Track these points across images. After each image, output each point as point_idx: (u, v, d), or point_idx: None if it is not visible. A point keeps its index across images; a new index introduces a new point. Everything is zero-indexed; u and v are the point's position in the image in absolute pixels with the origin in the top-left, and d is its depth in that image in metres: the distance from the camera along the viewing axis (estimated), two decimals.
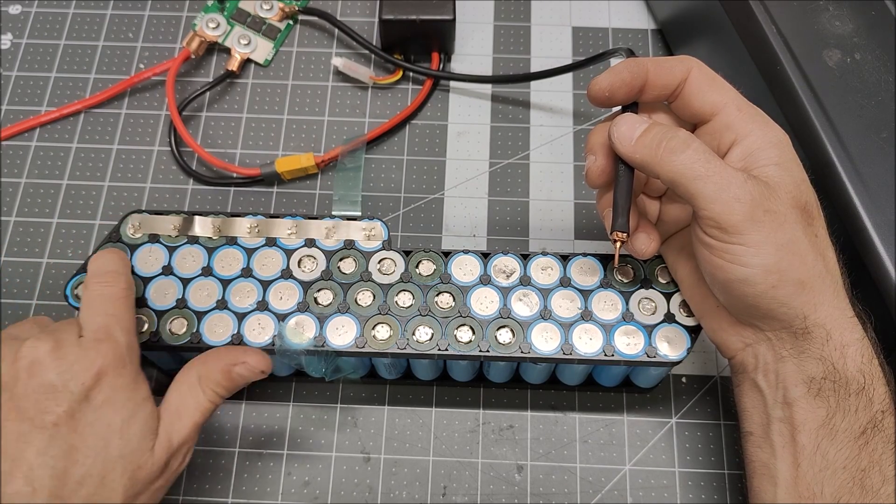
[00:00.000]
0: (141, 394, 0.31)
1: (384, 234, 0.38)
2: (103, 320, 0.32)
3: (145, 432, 0.31)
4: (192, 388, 0.33)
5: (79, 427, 0.29)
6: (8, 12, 0.52)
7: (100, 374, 0.30)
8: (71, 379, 0.30)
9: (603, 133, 0.34)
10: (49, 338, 0.31)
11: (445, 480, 0.40)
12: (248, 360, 0.34)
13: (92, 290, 0.33)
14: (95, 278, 0.34)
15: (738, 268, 0.30)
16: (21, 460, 0.28)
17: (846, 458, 0.30)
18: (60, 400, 0.29)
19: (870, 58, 0.39)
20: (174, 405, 0.33)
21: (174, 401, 0.33)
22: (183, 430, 0.32)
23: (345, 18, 0.52)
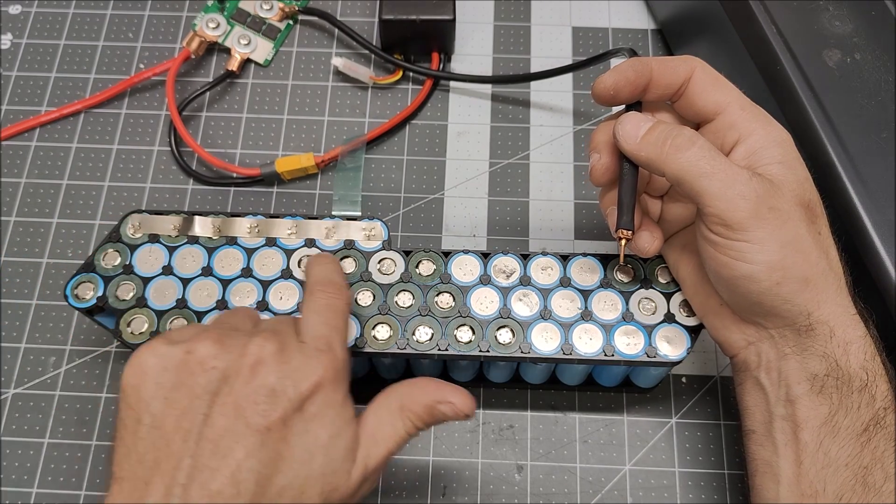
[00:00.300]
0: (348, 413, 0.30)
1: (384, 234, 0.38)
2: (326, 331, 0.31)
3: (346, 453, 0.30)
4: (391, 414, 0.31)
5: (289, 436, 0.28)
6: (8, 12, 0.52)
7: (317, 385, 0.29)
8: (291, 385, 0.29)
9: (607, 131, 0.34)
10: (276, 339, 0.30)
11: (445, 480, 0.40)
12: (454, 400, 0.32)
13: (318, 298, 0.32)
14: (321, 286, 0.33)
15: (742, 264, 0.31)
16: (230, 458, 0.27)
17: (848, 456, 0.30)
18: (277, 405, 0.28)
19: (870, 58, 0.39)
20: (371, 428, 0.31)
21: (372, 424, 0.31)
22: (377, 457, 0.31)
23: (345, 18, 0.52)
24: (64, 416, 0.41)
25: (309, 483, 0.28)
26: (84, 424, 0.41)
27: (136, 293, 0.37)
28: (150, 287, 0.37)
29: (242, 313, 0.33)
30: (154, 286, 0.37)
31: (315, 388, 0.29)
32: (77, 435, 0.41)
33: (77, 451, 0.41)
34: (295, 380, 0.29)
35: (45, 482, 0.40)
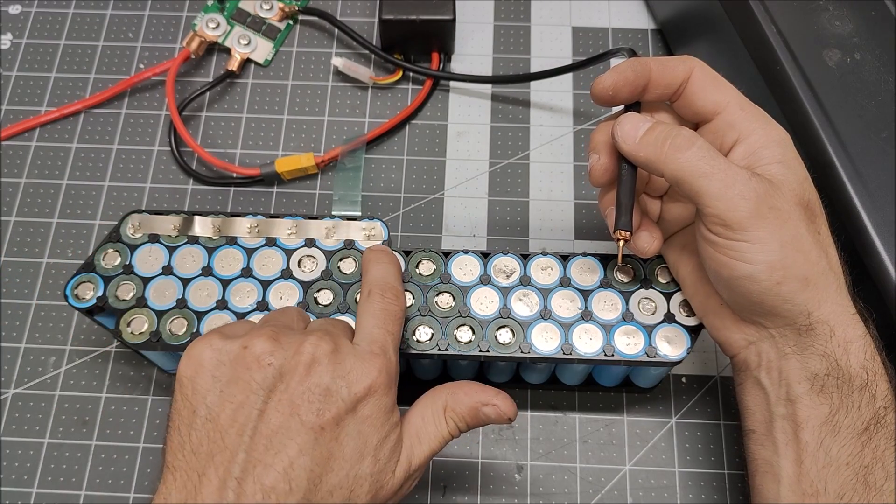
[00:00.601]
0: (396, 417, 0.31)
1: (384, 234, 0.38)
2: (382, 335, 0.31)
3: (392, 454, 0.30)
4: (436, 414, 0.32)
5: (341, 436, 0.29)
6: (8, 12, 0.52)
7: (371, 388, 0.29)
8: (345, 386, 0.29)
9: (606, 132, 0.34)
10: (330, 340, 0.30)
11: (445, 480, 0.40)
12: (498, 403, 0.32)
13: (375, 301, 0.33)
14: (380, 290, 0.33)
15: (742, 264, 0.31)
16: (283, 454, 0.27)
17: (849, 455, 0.30)
18: (331, 404, 0.29)
19: (870, 58, 0.39)
20: (415, 428, 0.32)
21: (416, 423, 0.32)
22: (421, 455, 0.31)
23: (345, 18, 0.52)
24: (64, 416, 0.41)
25: (358, 482, 0.29)
26: (84, 424, 0.41)
27: (136, 293, 0.37)
28: (150, 287, 0.37)
29: (292, 312, 0.34)
30: (154, 286, 0.37)
31: (368, 391, 0.29)
32: (77, 435, 0.41)
33: (77, 451, 0.41)
34: (349, 381, 0.29)
35: (45, 482, 0.40)
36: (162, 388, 0.42)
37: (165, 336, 0.36)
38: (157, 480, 0.28)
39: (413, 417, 0.32)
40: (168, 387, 0.42)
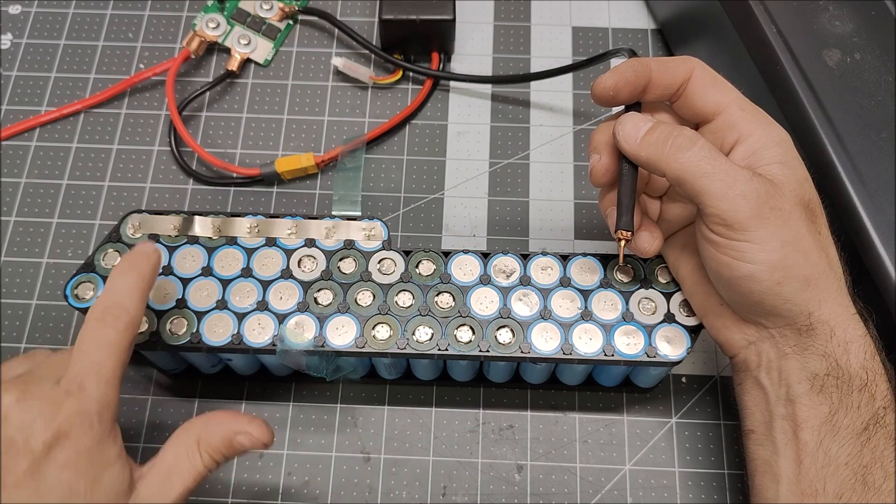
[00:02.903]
0: (109, 454, 0.29)
1: (384, 234, 0.38)
2: (80, 368, 0.29)
3: (113, 494, 0.29)
4: (189, 450, 0.31)
5: (40, 488, 0.27)
6: (8, 12, 0.52)
7: (59, 434, 0.28)
8: (31, 436, 0.27)
9: (606, 132, 0.34)
10: (16, 387, 0.28)
11: (445, 480, 0.40)
12: (251, 430, 0.32)
13: (88, 328, 0.30)
14: (99, 313, 0.31)
15: (743, 264, 0.31)
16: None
17: (848, 455, 0.30)
18: (21, 458, 0.27)
19: (870, 58, 0.39)
20: (167, 466, 0.31)
21: (168, 461, 0.31)
22: (170, 494, 0.30)
23: (345, 18, 0.52)
24: None
25: None
26: None
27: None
28: None
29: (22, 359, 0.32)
30: (154, 286, 0.37)
31: (57, 436, 0.28)
32: None
33: None
34: (34, 429, 0.27)
35: None
36: (162, 388, 0.42)
37: (165, 336, 0.36)
38: None
39: (165, 455, 0.31)
40: (168, 387, 0.42)
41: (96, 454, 0.28)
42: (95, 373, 0.29)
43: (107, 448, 0.29)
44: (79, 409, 0.28)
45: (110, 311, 0.31)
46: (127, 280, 0.32)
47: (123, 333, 0.31)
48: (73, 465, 0.28)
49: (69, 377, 0.29)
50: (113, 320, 0.31)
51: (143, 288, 0.32)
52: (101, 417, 0.29)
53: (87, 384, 0.29)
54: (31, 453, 0.27)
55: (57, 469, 0.27)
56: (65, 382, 0.29)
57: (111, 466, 0.29)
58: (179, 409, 0.42)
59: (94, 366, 0.30)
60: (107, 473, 0.29)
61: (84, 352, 0.30)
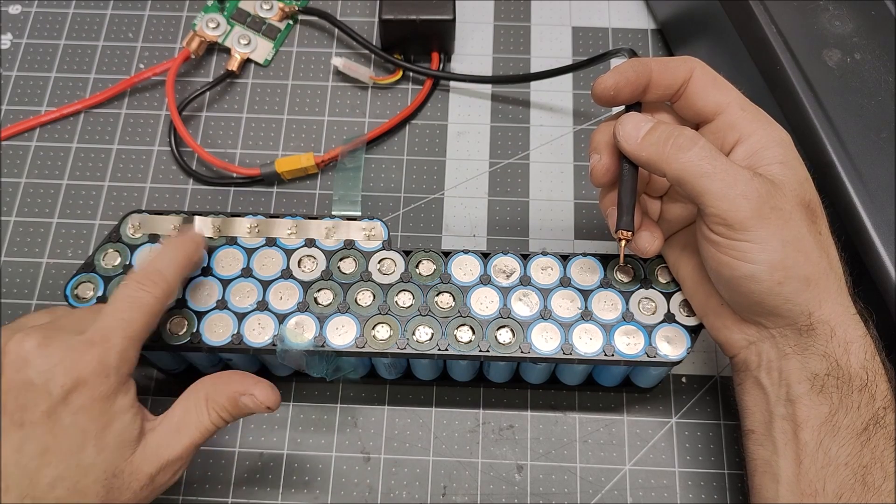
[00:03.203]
0: (122, 404, 0.31)
1: (384, 234, 0.38)
2: (109, 322, 0.31)
3: (123, 443, 0.30)
4: (197, 406, 0.33)
5: (55, 429, 0.29)
6: (8, 12, 0.52)
7: (79, 379, 0.30)
8: (51, 379, 0.29)
9: (607, 132, 0.34)
10: (38, 333, 0.30)
11: (445, 480, 0.40)
12: (256, 392, 0.33)
13: (125, 288, 0.33)
14: (139, 277, 0.33)
15: (744, 264, 0.31)
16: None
17: (848, 455, 0.30)
18: (39, 399, 0.29)
19: (870, 58, 0.39)
20: (176, 420, 0.32)
21: (177, 416, 0.32)
22: (177, 447, 0.32)
23: (345, 18, 0.52)
24: None
25: (83, 472, 0.29)
26: None
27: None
28: None
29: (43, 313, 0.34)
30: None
31: (76, 382, 0.29)
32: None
33: None
34: (55, 374, 0.29)
35: None
36: (162, 388, 0.42)
37: (165, 336, 0.36)
38: None
39: (175, 409, 0.33)
40: (168, 387, 0.42)
41: (110, 403, 0.30)
42: (123, 328, 0.31)
43: (120, 398, 0.31)
44: (100, 359, 0.30)
45: (150, 277, 0.33)
46: (172, 254, 0.34)
47: (158, 299, 0.33)
48: (87, 411, 0.30)
49: (96, 328, 0.31)
50: (151, 285, 0.33)
51: (185, 266, 0.35)
52: (119, 370, 0.31)
53: (112, 337, 0.31)
54: (50, 397, 0.29)
55: (72, 413, 0.29)
56: (90, 333, 0.31)
57: (123, 415, 0.31)
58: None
59: (123, 321, 0.32)
60: (118, 421, 0.30)
61: (117, 308, 0.32)
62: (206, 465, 0.40)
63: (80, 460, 0.29)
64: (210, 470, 0.40)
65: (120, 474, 0.30)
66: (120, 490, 0.30)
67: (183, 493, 0.40)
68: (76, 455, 0.29)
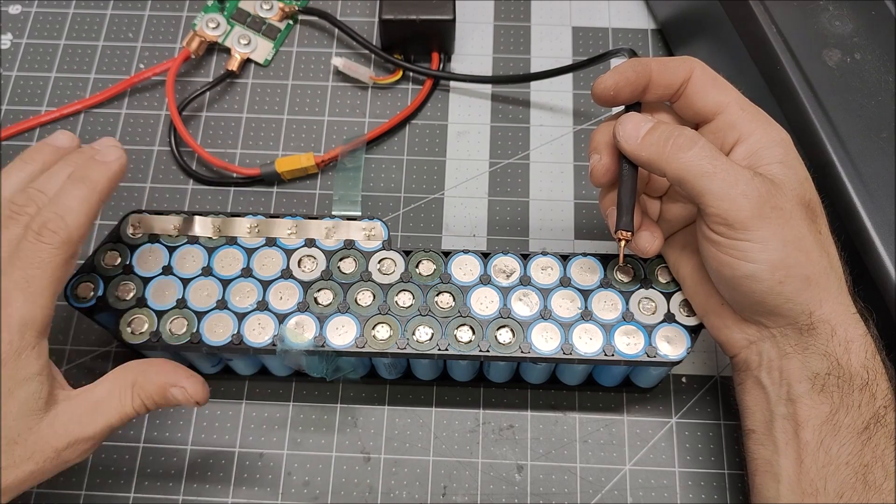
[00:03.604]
0: (27, 370, 0.29)
1: (384, 234, 0.38)
2: (12, 280, 0.29)
3: (27, 410, 0.29)
4: (122, 389, 0.32)
5: None
6: (8, 12, 0.52)
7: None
8: None
9: (607, 132, 0.34)
10: None
11: (445, 480, 0.40)
12: (186, 385, 0.32)
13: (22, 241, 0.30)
14: (34, 226, 0.30)
15: (744, 264, 0.31)
16: None
17: (849, 454, 0.30)
18: None
19: (870, 58, 0.39)
20: (95, 398, 0.31)
21: (98, 394, 0.31)
22: (91, 426, 0.31)
23: (345, 18, 0.52)
24: None
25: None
26: None
27: (136, 293, 0.37)
28: (150, 287, 0.37)
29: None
30: (154, 286, 0.37)
31: None
32: None
33: None
34: None
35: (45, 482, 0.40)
36: None
37: (165, 336, 0.36)
38: None
39: (97, 388, 0.31)
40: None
41: (12, 368, 0.29)
42: (23, 288, 0.29)
43: (26, 363, 0.29)
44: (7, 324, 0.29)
45: (48, 226, 0.30)
46: (75, 192, 0.31)
47: (59, 249, 0.30)
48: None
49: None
50: (49, 235, 0.30)
51: (92, 201, 0.31)
52: (22, 333, 0.29)
53: (12, 299, 0.29)
54: None
55: None
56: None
57: (28, 382, 0.29)
58: (179, 408, 0.42)
59: (21, 281, 0.30)
60: (22, 388, 0.29)
61: (15, 265, 0.30)
62: (206, 464, 0.40)
63: None
64: (210, 470, 0.40)
65: (22, 442, 0.29)
66: (21, 458, 0.29)
67: (183, 493, 0.40)
68: None
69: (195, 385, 0.33)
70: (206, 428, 0.41)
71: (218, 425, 0.41)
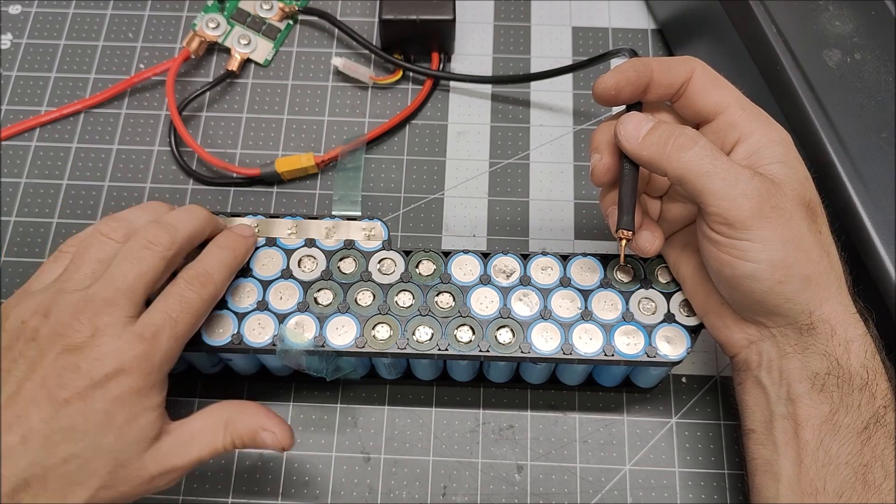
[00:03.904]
0: (151, 401, 0.32)
1: (384, 234, 0.38)
2: (161, 320, 0.32)
3: (142, 438, 0.31)
4: (216, 426, 0.33)
5: (86, 411, 0.30)
6: (8, 12, 0.52)
7: (120, 369, 0.31)
8: (95, 367, 0.30)
9: (608, 132, 0.34)
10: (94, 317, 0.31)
11: (445, 480, 0.40)
12: (276, 431, 0.34)
13: (177, 286, 0.33)
14: (189, 277, 0.34)
15: (745, 263, 0.31)
16: (26, 419, 0.30)
17: (849, 454, 0.30)
18: (80, 381, 0.30)
19: (870, 58, 0.39)
20: (191, 431, 0.33)
21: (194, 428, 0.33)
22: (185, 458, 0.32)
23: (345, 18, 0.52)
24: None
25: (97, 454, 0.30)
26: None
27: None
28: None
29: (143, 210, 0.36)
30: None
31: (117, 372, 0.30)
32: None
33: None
34: (102, 363, 0.30)
35: None
36: None
37: None
38: None
39: (195, 420, 0.33)
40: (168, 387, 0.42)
41: (143, 397, 0.31)
42: (171, 327, 0.32)
43: (153, 395, 0.32)
44: (146, 355, 0.31)
45: (199, 278, 0.34)
46: (220, 254, 0.35)
47: (205, 300, 0.34)
48: (121, 400, 0.31)
49: (146, 324, 0.32)
50: (200, 286, 0.34)
51: (233, 266, 0.36)
52: (161, 368, 0.32)
53: (160, 335, 0.32)
54: (91, 380, 0.30)
55: (107, 399, 0.30)
56: (141, 329, 0.32)
57: (150, 412, 0.32)
58: (179, 409, 0.42)
59: (171, 321, 0.32)
60: (144, 416, 0.31)
61: (168, 306, 0.33)
62: (206, 465, 0.40)
63: (99, 444, 0.30)
64: (210, 470, 0.40)
65: (128, 466, 0.31)
66: (122, 480, 0.31)
67: (183, 493, 0.40)
68: (98, 438, 0.30)
69: (284, 432, 0.34)
70: None
71: None
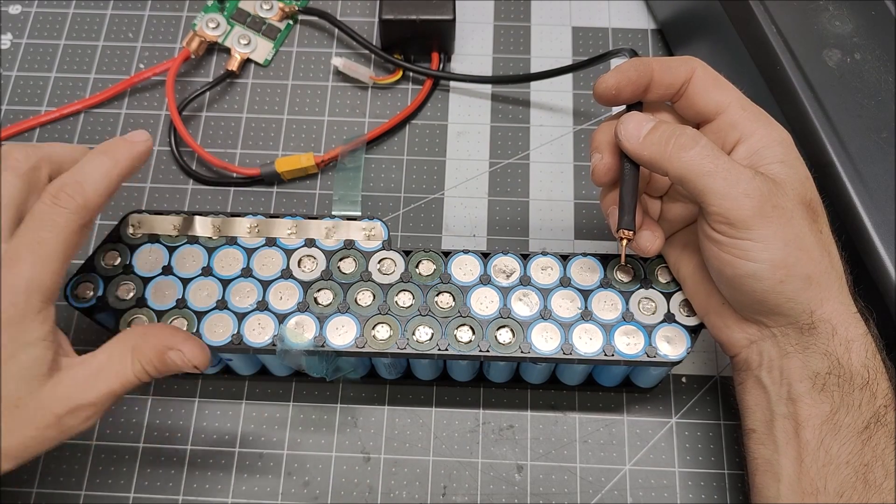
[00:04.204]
0: (32, 335, 0.29)
1: (384, 234, 0.38)
2: (20, 242, 0.29)
3: (30, 375, 0.29)
4: (122, 354, 0.31)
5: None
6: (8, 12, 0.52)
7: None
8: None
9: (608, 131, 0.34)
10: None
11: (445, 480, 0.40)
12: (184, 349, 0.32)
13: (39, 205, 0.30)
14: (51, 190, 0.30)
15: (746, 263, 0.31)
16: None
17: (849, 454, 0.30)
18: None
19: (870, 58, 0.39)
20: (97, 363, 0.31)
21: (99, 360, 0.31)
22: (92, 392, 0.30)
23: (345, 18, 0.52)
24: None
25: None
26: None
27: (136, 293, 0.37)
28: (150, 287, 0.37)
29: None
30: (154, 286, 0.37)
31: None
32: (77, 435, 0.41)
33: (77, 451, 0.41)
34: None
35: (45, 482, 0.40)
36: (162, 388, 0.42)
37: None
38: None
39: (98, 354, 0.31)
40: (168, 387, 0.42)
41: (15, 331, 0.28)
42: (34, 251, 0.29)
43: (30, 328, 0.29)
44: (7, 283, 0.28)
45: (66, 190, 0.30)
46: (96, 162, 0.31)
47: (74, 215, 0.30)
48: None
49: (8, 247, 0.29)
50: (66, 199, 0.30)
51: (113, 174, 0.31)
52: (28, 297, 0.29)
53: (22, 260, 0.29)
54: None
55: None
56: (5, 252, 0.29)
57: (32, 346, 0.29)
58: (179, 409, 0.42)
59: (33, 243, 0.29)
60: (25, 352, 0.29)
61: (29, 227, 0.29)
62: (207, 465, 0.40)
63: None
64: (210, 470, 0.40)
65: (24, 406, 0.29)
66: (22, 422, 0.29)
67: (183, 493, 0.40)
68: None
69: (193, 349, 0.32)
70: (206, 428, 0.41)
71: (218, 425, 0.41)
